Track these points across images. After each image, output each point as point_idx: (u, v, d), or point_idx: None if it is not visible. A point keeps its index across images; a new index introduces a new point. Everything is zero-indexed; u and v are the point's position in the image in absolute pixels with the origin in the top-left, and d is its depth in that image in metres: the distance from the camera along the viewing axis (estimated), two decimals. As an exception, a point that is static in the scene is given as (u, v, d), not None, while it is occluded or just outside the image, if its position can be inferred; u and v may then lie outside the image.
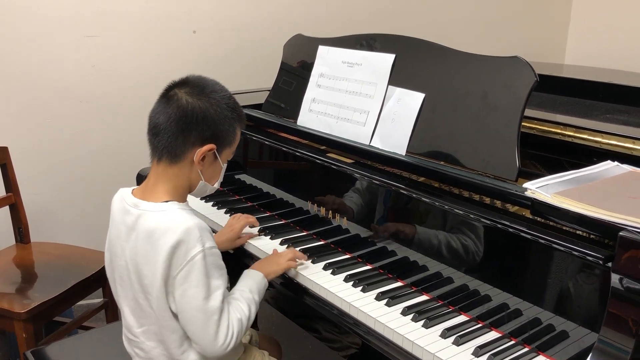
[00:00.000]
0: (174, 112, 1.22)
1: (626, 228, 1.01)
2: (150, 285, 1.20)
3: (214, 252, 1.22)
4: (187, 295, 1.19)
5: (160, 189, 1.25)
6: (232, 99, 1.29)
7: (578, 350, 1.10)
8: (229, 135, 1.28)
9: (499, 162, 1.33)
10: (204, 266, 1.19)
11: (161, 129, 1.22)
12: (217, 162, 1.29)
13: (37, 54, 2.32)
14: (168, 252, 1.16)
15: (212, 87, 1.27)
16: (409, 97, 1.54)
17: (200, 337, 1.22)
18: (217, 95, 1.25)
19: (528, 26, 3.52)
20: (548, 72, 2.24)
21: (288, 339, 2.25)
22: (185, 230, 1.17)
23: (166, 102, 1.24)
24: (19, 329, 1.76)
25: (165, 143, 1.22)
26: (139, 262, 1.22)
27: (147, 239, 1.20)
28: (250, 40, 2.66)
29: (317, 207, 1.63)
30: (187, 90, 1.24)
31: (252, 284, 1.36)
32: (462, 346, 1.17)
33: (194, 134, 1.22)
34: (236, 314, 1.26)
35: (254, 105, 2.02)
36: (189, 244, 1.17)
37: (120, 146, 2.50)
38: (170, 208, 1.23)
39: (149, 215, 1.22)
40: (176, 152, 1.23)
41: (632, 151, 1.46)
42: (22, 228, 2.16)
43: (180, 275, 1.18)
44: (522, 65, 1.35)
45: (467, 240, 1.28)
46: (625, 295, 0.99)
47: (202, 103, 1.23)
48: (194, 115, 1.22)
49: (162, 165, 1.25)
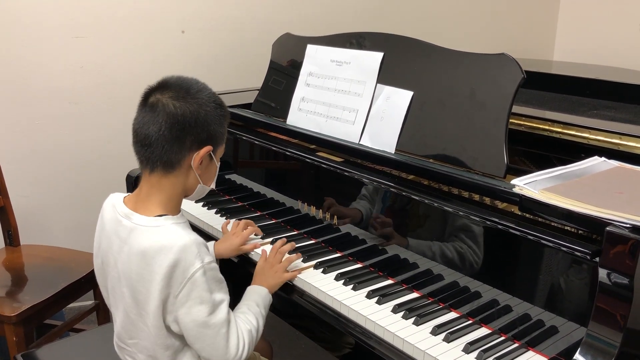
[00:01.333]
0: (164, 121, 1.16)
1: (613, 223, 1.02)
2: (144, 301, 1.17)
3: (213, 267, 1.19)
4: (192, 314, 1.16)
5: (154, 200, 1.21)
6: (217, 96, 1.25)
7: (567, 345, 1.11)
8: (221, 134, 1.25)
9: (487, 159, 1.34)
10: (205, 282, 1.16)
11: (153, 140, 1.17)
12: (213, 162, 1.26)
13: (26, 55, 2.30)
14: (166, 272, 1.13)
15: (195, 87, 1.22)
16: (398, 95, 1.54)
17: (211, 352, 1.20)
18: (203, 95, 1.21)
19: (517, 23, 3.54)
20: (536, 68, 2.26)
21: (280, 338, 2.25)
22: (181, 249, 1.13)
23: (151, 110, 1.18)
24: (9, 333, 1.75)
25: (159, 153, 1.17)
26: (132, 278, 1.18)
27: (140, 256, 1.16)
28: (239, 39, 2.66)
29: (308, 206, 1.64)
30: (171, 95, 1.18)
31: (258, 299, 1.35)
32: (453, 343, 1.18)
33: (190, 139, 1.18)
34: (246, 325, 1.26)
35: (244, 104, 2.01)
36: (187, 261, 1.14)
37: (110, 147, 2.49)
38: (165, 224, 1.18)
39: (142, 231, 1.18)
40: (172, 160, 1.18)
41: (619, 147, 1.47)
42: (11, 231, 2.15)
43: (182, 294, 1.15)
44: (509, 62, 1.36)
45: (456, 238, 1.29)
46: (613, 289, 1.00)
47: (190, 106, 1.18)
48: (186, 120, 1.17)
49: (155, 176, 1.20)
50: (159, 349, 1.22)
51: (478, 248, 1.27)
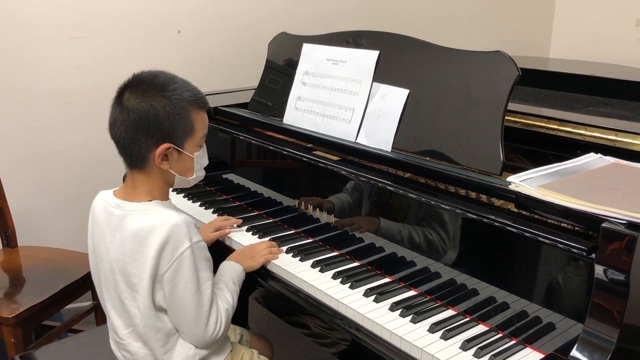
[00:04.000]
0: (121, 123, 1.22)
1: (609, 219, 1.02)
2: (138, 284, 1.21)
3: (201, 246, 1.24)
4: (178, 290, 1.21)
5: (140, 190, 1.27)
6: (175, 89, 1.23)
7: (564, 342, 1.11)
8: (182, 127, 1.23)
9: (484, 156, 1.34)
10: (192, 261, 1.21)
11: (117, 141, 1.25)
12: (184, 154, 1.26)
13: (22, 56, 2.29)
14: (156, 250, 1.18)
15: (148, 84, 1.23)
16: (394, 93, 1.54)
17: (191, 327, 1.24)
18: (156, 92, 1.21)
19: (513, 20, 3.54)
20: (531, 65, 2.26)
21: (279, 337, 2.25)
22: (172, 227, 1.18)
23: (114, 110, 1.24)
24: (7, 334, 1.75)
25: (127, 153, 1.24)
26: (125, 261, 1.22)
27: (133, 238, 1.20)
28: (235, 39, 2.65)
29: (305, 205, 1.64)
30: (129, 95, 1.22)
31: (234, 275, 1.40)
32: (450, 340, 1.18)
33: (144, 140, 1.21)
34: (223, 304, 1.30)
35: (240, 104, 2.01)
36: (177, 240, 1.19)
37: (106, 148, 2.44)
38: (155, 207, 1.24)
39: (134, 215, 1.22)
40: (139, 159, 1.23)
41: (615, 143, 1.47)
42: (8, 232, 2.14)
43: (169, 272, 1.19)
44: (504, 59, 1.36)
45: (453, 235, 1.29)
46: (609, 286, 1.00)
47: (140, 105, 1.21)
48: (136, 121, 1.20)
49: (134, 172, 1.28)
50: (151, 331, 1.25)
51: (474, 246, 1.27)
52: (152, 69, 1.30)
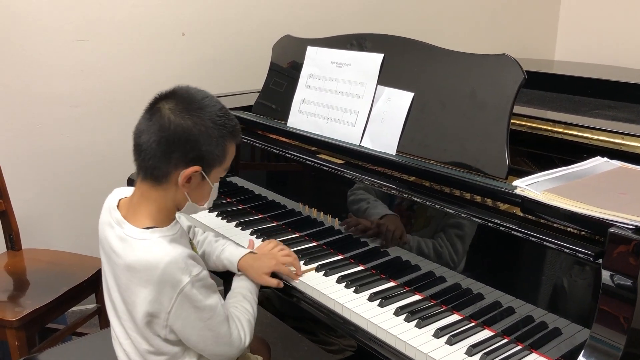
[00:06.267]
0: (155, 132, 1.15)
1: (616, 224, 1.01)
2: (132, 310, 1.19)
3: (201, 277, 1.18)
4: (190, 323, 1.18)
5: (144, 210, 1.20)
6: (222, 114, 1.20)
7: (571, 347, 1.10)
8: (216, 155, 1.19)
9: (489, 160, 1.33)
10: (196, 293, 1.17)
11: (143, 149, 1.17)
12: (205, 182, 1.22)
13: (26, 59, 2.30)
14: (155, 289, 1.14)
15: (199, 102, 1.18)
16: (398, 96, 1.53)
17: (215, 348, 1.23)
18: (203, 112, 1.17)
19: (518, 23, 3.53)
20: (537, 68, 2.25)
21: (282, 341, 2.24)
22: (167, 266, 1.13)
23: (149, 118, 1.17)
24: (11, 337, 1.75)
25: (147, 164, 1.17)
26: (120, 285, 1.20)
27: (126, 268, 1.17)
28: (239, 42, 2.65)
29: (309, 209, 1.63)
30: (172, 106, 1.16)
31: (250, 286, 1.41)
32: (455, 345, 1.17)
33: (176, 156, 1.16)
34: (244, 315, 1.30)
35: (244, 107, 2.01)
36: (175, 278, 1.14)
37: (111, 150, 2.48)
38: (151, 237, 1.17)
39: (130, 243, 1.17)
40: (159, 173, 1.17)
41: (621, 147, 1.46)
42: (13, 235, 2.14)
43: (175, 309, 1.16)
44: (509, 63, 1.35)
45: (458, 239, 1.28)
46: (616, 291, 1.00)
47: (184, 122, 1.15)
48: (176, 135, 1.14)
49: (146, 185, 1.20)
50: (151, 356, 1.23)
51: (480, 250, 1.26)
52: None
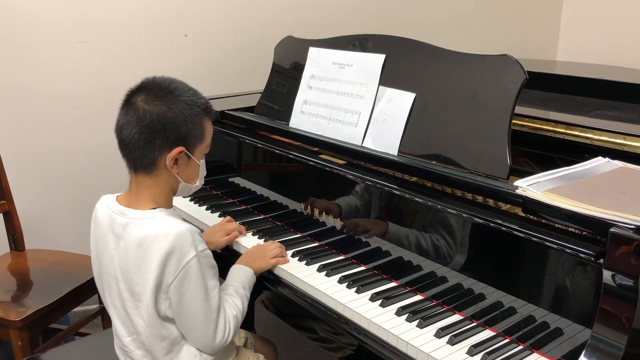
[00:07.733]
0: (134, 125, 1.21)
1: (617, 224, 1.01)
2: (141, 293, 1.20)
3: (207, 254, 1.23)
4: (186, 299, 1.20)
5: (144, 197, 1.26)
6: (191, 94, 1.26)
7: (572, 347, 1.10)
8: (196, 132, 1.26)
9: (491, 160, 1.34)
10: (199, 269, 1.20)
11: (127, 143, 1.23)
12: (192, 161, 1.28)
13: (29, 60, 2.31)
14: (161, 260, 1.17)
15: (167, 88, 1.25)
16: (400, 97, 1.54)
17: (199, 335, 1.24)
18: (174, 96, 1.23)
19: (520, 23, 3.53)
20: (539, 69, 2.25)
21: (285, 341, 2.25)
22: (177, 236, 1.17)
23: (126, 113, 1.23)
24: (14, 337, 1.76)
25: (135, 156, 1.23)
26: (129, 270, 1.21)
27: (137, 246, 1.19)
28: (241, 42, 2.66)
29: (311, 209, 1.63)
30: (143, 98, 1.22)
31: (244, 280, 1.40)
32: (457, 345, 1.17)
33: (158, 142, 1.21)
34: (232, 310, 1.30)
35: (247, 107, 2.01)
36: (183, 250, 1.18)
37: (113, 151, 2.46)
38: (159, 215, 1.23)
39: (137, 223, 1.22)
40: (147, 162, 1.23)
41: (623, 147, 1.46)
42: (16, 235, 2.15)
43: (175, 282, 1.19)
44: (511, 63, 1.36)
45: (459, 240, 1.28)
46: (617, 291, 1.00)
47: (158, 108, 1.21)
48: (153, 123, 1.20)
49: (140, 176, 1.26)
50: (154, 339, 1.24)
51: (481, 250, 1.26)
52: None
